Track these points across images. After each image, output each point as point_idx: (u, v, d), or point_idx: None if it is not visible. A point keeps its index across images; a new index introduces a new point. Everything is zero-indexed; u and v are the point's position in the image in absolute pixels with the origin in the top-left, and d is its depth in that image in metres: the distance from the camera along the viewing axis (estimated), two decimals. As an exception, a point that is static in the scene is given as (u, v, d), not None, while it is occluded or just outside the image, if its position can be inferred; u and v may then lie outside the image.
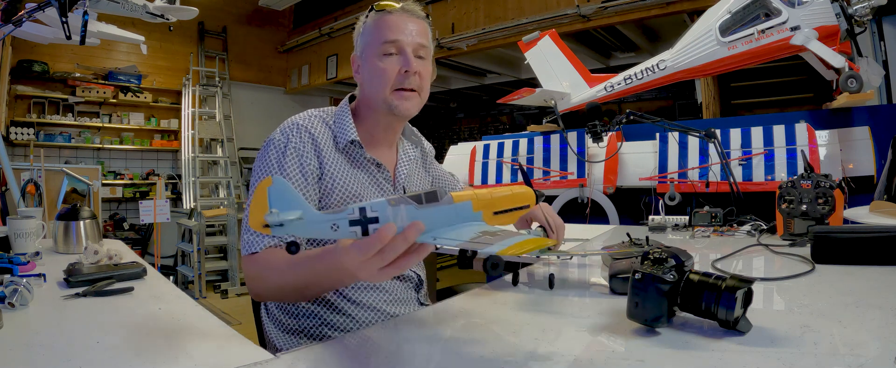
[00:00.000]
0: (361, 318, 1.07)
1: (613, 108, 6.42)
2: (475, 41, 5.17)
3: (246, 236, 0.96)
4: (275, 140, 1.03)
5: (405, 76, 1.04)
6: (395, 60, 1.04)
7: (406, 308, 1.13)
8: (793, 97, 4.46)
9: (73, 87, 5.95)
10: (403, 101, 1.05)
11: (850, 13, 2.01)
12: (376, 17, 1.07)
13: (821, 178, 1.54)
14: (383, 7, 1.06)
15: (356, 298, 1.07)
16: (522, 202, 0.87)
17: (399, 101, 1.05)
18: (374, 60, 1.05)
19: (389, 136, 1.15)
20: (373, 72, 1.06)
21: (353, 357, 0.70)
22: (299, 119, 1.07)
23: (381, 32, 1.05)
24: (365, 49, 1.08)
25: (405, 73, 1.04)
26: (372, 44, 1.06)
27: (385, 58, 1.04)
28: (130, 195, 6.28)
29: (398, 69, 1.04)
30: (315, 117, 1.09)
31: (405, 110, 1.06)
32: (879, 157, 2.08)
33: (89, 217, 1.72)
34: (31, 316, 0.89)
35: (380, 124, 1.12)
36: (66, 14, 2.33)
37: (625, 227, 2.19)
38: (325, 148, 1.05)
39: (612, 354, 0.70)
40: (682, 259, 0.77)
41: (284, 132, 1.04)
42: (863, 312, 0.82)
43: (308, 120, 1.07)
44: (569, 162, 2.82)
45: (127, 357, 0.70)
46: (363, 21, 1.10)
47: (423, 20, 1.09)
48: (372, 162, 1.10)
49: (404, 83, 1.04)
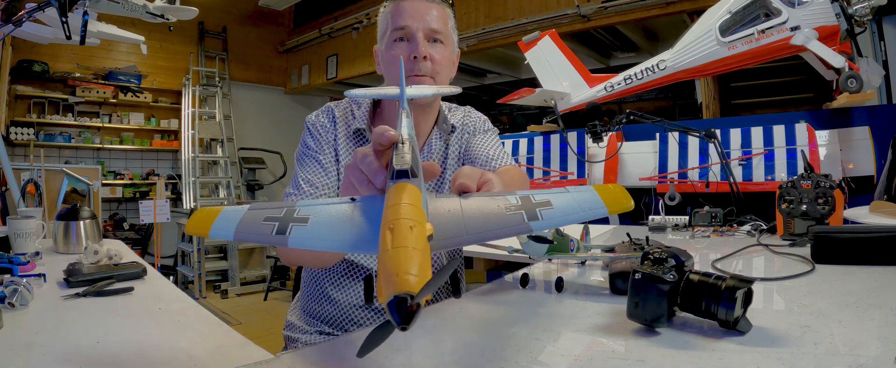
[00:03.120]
0: (350, 315, 1.09)
1: (613, 108, 6.41)
2: (475, 41, 5.17)
3: (287, 192, 1.05)
4: (308, 118, 1.12)
5: (414, 62, 1.02)
6: (404, 47, 1.03)
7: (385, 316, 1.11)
8: (793, 97, 4.46)
9: (73, 87, 5.94)
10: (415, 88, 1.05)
11: (850, 13, 2.01)
12: (392, 6, 1.06)
13: (821, 178, 1.54)
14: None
15: (336, 296, 1.10)
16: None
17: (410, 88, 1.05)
18: (387, 49, 1.05)
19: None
20: (386, 59, 1.06)
21: (352, 356, 0.70)
22: (332, 103, 1.15)
23: (393, 19, 1.05)
24: (381, 39, 1.09)
25: (414, 59, 1.02)
26: (385, 32, 1.06)
27: (395, 44, 1.04)
28: (130, 195, 6.28)
29: (407, 55, 1.02)
30: (346, 105, 1.14)
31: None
32: (879, 157, 2.08)
33: (89, 217, 1.73)
34: (31, 316, 0.89)
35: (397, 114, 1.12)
36: (66, 14, 2.33)
37: (625, 227, 2.19)
38: (341, 134, 1.10)
39: (612, 354, 0.70)
40: (682, 259, 0.77)
41: (316, 113, 1.13)
42: (863, 312, 0.82)
43: (338, 106, 1.14)
44: (569, 162, 2.82)
45: (127, 358, 0.70)
46: (382, 10, 1.10)
47: (440, 4, 1.06)
48: None
49: (414, 69, 1.02)
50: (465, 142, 1.21)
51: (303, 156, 1.09)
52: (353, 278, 1.10)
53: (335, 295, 1.10)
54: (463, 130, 1.21)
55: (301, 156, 1.10)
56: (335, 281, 1.10)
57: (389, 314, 0.38)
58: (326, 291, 1.11)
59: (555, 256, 1.06)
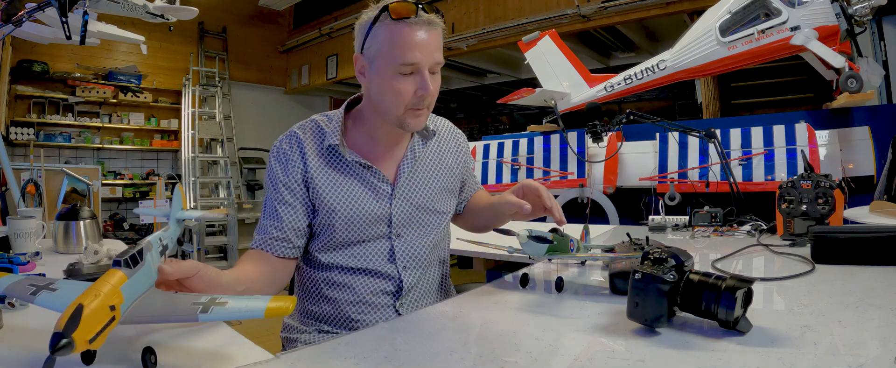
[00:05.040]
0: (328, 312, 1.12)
1: (613, 108, 6.41)
2: (475, 41, 5.17)
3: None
4: (274, 145, 1.13)
5: (421, 98, 1.03)
6: (411, 82, 1.01)
7: (374, 315, 1.10)
8: (793, 97, 4.46)
9: (73, 87, 5.95)
10: (416, 119, 1.06)
11: (850, 13, 2.01)
12: (392, 27, 0.98)
13: (821, 178, 1.54)
14: (400, 15, 0.98)
15: (332, 294, 1.11)
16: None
17: (412, 119, 1.06)
18: (388, 77, 1.01)
19: (393, 138, 1.15)
20: (386, 89, 1.02)
21: (352, 356, 0.70)
22: (296, 126, 1.14)
23: (398, 50, 0.98)
24: (377, 59, 1.02)
25: (421, 96, 1.03)
26: (386, 58, 1.00)
27: (401, 78, 1.01)
28: (130, 195, 6.28)
29: (414, 90, 1.02)
30: (312, 124, 1.14)
31: (416, 126, 1.08)
32: (879, 157, 2.08)
33: (89, 217, 1.73)
34: (31, 316, 0.89)
35: (383, 130, 1.12)
36: (66, 14, 2.32)
37: (625, 227, 2.19)
38: (311, 154, 1.10)
39: (612, 354, 0.70)
40: (682, 259, 0.77)
41: (280, 140, 1.13)
42: (863, 312, 0.82)
43: (303, 128, 1.13)
44: (569, 162, 2.82)
45: (127, 358, 0.70)
46: (371, 18, 1.02)
47: (440, 28, 1.04)
48: (359, 164, 1.10)
49: (419, 104, 1.04)
50: (462, 152, 1.28)
51: (268, 193, 1.12)
52: (349, 275, 1.10)
53: (331, 294, 1.10)
54: (452, 136, 1.27)
55: (267, 192, 1.12)
56: (330, 281, 1.11)
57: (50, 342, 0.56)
58: (322, 291, 1.12)
59: (555, 256, 1.05)
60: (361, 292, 1.10)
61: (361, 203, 1.09)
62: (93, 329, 0.59)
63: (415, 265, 1.14)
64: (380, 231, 1.11)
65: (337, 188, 1.09)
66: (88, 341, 0.59)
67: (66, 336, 0.56)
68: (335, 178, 1.09)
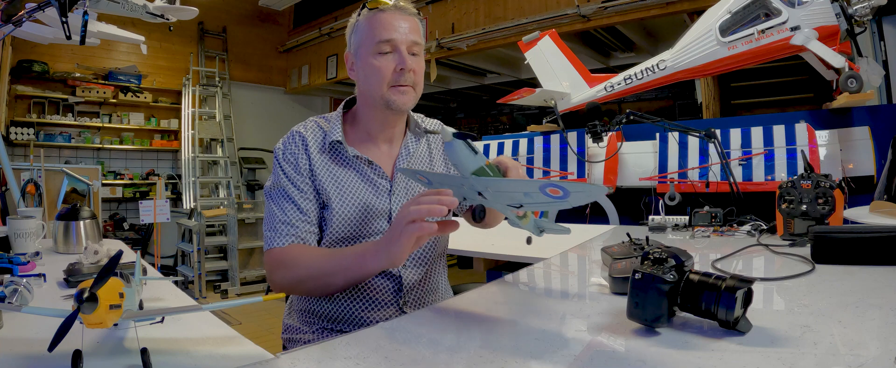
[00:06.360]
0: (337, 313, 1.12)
1: (613, 108, 6.41)
2: (475, 41, 5.17)
3: (267, 232, 1.09)
4: (277, 148, 1.16)
5: (401, 74, 1.08)
6: (391, 58, 1.08)
7: (376, 313, 1.11)
8: (793, 97, 4.46)
9: (73, 87, 5.94)
10: (400, 95, 1.10)
11: (850, 13, 2.01)
12: (370, 15, 1.10)
13: (821, 178, 1.54)
14: (376, 5, 1.09)
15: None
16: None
17: (396, 96, 1.09)
18: (370, 59, 1.09)
19: (387, 131, 1.18)
20: (369, 70, 1.09)
21: (352, 356, 0.70)
22: (298, 126, 1.18)
23: (376, 31, 1.08)
24: (360, 47, 1.11)
25: (401, 70, 1.08)
26: (366, 42, 1.09)
27: (380, 56, 1.08)
28: (130, 195, 6.28)
29: (394, 67, 1.08)
30: (312, 123, 1.18)
31: (402, 104, 1.11)
32: (879, 157, 2.08)
33: (89, 217, 1.73)
34: (30, 316, 0.89)
35: (377, 120, 1.16)
36: (66, 14, 2.32)
37: (625, 227, 2.20)
38: (314, 150, 1.13)
39: (612, 354, 0.70)
40: (682, 259, 0.77)
41: (283, 140, 1.15)
42: (863, 312, 0.82)
43: (305, 126, 1.17)
44: (569, 162, 2.82)
45: (126, 358, 0.70)
46: (356, 18, 1.13)
47: (416, 17, 1.12)
48: (361, 159, 1.14)
49: (400, 80, 1.08)
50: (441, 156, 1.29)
51: (277, 192, 1.11)
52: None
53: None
54: (431, 144, 1.28)
55: (275, 192, 1.12)
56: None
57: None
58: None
59: (486, 193, 0.85)
60: (362, 289, 1.11)
61: (363, 198, 1.12)
62: (113, 297, 0.64)
63: (415, 263, 1.15)
64: (380, 227, 1.13)
65: (339, 183, 1.12)
66: (109, 307, 0.63)
67: (92, 292, 0.61)
68: (338, 172, 1.13)
